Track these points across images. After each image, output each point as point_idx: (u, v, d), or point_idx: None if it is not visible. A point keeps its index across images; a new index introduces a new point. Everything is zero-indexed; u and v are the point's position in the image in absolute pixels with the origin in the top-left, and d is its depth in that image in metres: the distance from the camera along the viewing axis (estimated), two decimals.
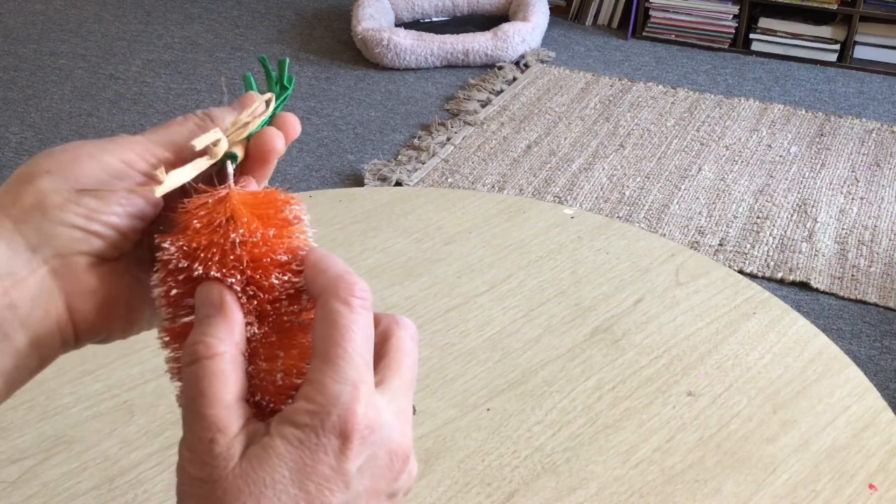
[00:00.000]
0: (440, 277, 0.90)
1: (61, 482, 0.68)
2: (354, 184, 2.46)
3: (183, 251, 0.36)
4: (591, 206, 2.34)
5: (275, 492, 0.31)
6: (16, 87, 3.06)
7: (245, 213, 0.36)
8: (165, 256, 0.36)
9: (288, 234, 0.37)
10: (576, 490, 0.67)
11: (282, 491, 0.31)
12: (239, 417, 0.33)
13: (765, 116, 2.82)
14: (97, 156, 0.36)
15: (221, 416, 0.32)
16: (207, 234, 0.35)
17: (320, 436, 0.32)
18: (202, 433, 0.32)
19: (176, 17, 3.66)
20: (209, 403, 0.32)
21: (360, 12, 3.23)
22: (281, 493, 0.31)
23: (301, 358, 0.36)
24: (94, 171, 0.36)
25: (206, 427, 0.32)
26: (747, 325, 0.84)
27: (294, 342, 0.36)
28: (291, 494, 0.31)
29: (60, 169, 0.36)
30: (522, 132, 2.71)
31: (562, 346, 0.81)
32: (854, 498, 0.67)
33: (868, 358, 1.85)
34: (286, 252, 0.37)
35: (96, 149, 0.37)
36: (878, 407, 0.75)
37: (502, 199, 1.04)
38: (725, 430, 0.73)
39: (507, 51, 3.12)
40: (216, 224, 0.36)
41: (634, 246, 0.95)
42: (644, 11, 3.41)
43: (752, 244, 2.18)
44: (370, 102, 2.91)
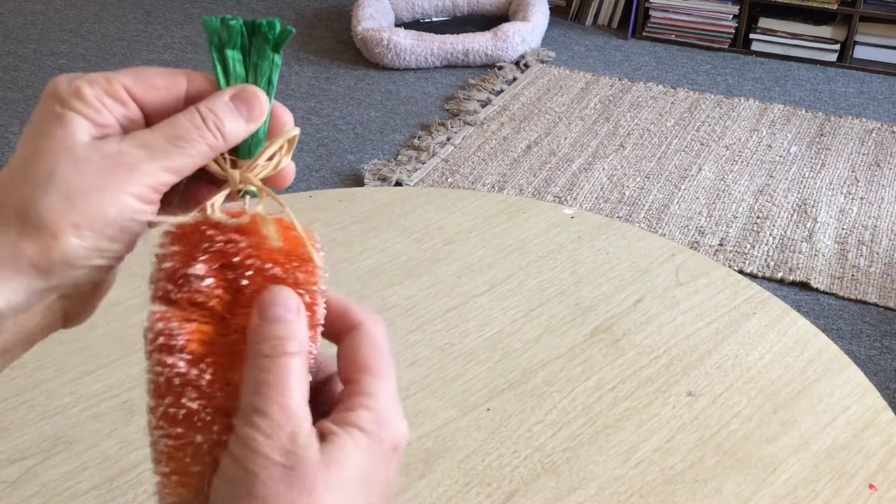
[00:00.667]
0: (440, 277, 0.90)
1: (61, 482, 0.68)
2: (354, 184, 2.46)
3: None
4: (591, 206, 2.34)
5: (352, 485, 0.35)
6: (16, 87, 3.06)
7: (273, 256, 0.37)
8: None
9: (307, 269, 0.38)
10: (576, 490, 0.67)
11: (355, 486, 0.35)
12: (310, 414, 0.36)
13: (765, 116, 2.82)
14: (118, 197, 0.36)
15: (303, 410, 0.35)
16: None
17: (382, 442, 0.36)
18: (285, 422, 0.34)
19: (176, 17, 3.66)
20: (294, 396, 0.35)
21: (360, 12, 3.23)
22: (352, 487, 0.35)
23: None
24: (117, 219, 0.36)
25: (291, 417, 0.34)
26: (747, 325, 0.84)
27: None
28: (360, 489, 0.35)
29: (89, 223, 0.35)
30: (522, 132, 2.71)
31: (562, 346, 0.81)
32: (854, 498, 0.67)
33: (868, 358, 1.85)
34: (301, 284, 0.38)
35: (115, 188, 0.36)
36: (878, 407, 0.75)
37: (502, 199, 1.04)
38: (725, 430, 0.73)
39: (507, 51, 3.12)
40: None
41: (634, 246, 0.95)
42: (644, 11, 3.41)
43: (752, 244, 2.18)
44: (370, 102, 2.91)
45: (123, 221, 0.36)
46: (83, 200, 0.35)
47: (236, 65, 0.39)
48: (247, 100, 0.39)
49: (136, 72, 0.38)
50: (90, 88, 0.37)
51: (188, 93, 0.39)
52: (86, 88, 0.37)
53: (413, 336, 0.82)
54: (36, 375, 0.78)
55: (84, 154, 0.36)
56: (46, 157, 0.35)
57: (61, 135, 0.36)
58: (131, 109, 0.38)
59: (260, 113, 0.39)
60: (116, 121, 0.38)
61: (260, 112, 0.39)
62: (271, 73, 0.39)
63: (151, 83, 0.38)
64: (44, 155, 0.36)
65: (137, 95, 0.38)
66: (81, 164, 0.36)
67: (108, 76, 0.38)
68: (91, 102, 0.37)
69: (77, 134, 0.36)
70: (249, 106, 0.39)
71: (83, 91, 0.37)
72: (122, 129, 0.38)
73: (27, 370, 0.78)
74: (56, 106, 0.36)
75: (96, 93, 0.37)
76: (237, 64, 0.39)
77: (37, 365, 0.78)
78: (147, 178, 0.36)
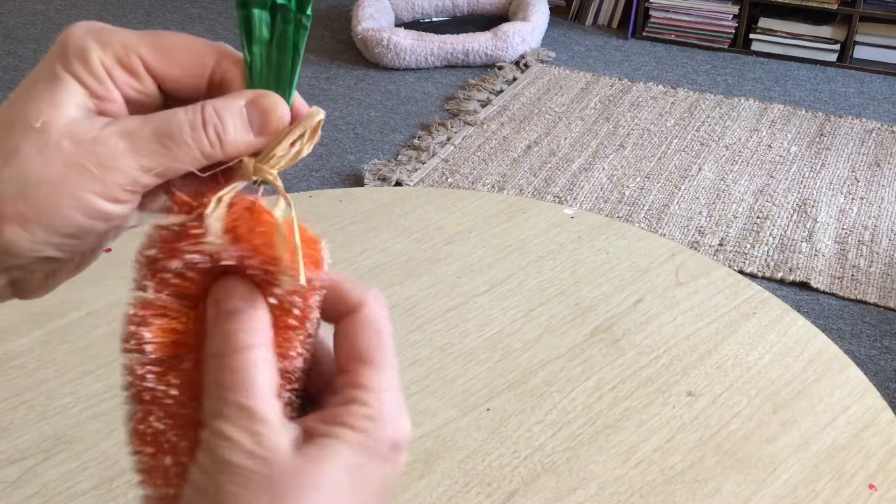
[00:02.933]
0: (440, 277, 0.90)
1: (61, 482, 0.68)
2: (354, 184, 2.46)
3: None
4: (591, 206, 2.34)
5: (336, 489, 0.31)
6: (16, 87, 3.07)
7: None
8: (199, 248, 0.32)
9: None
10: (576, 490, 0.67)
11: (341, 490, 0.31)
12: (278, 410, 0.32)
13: (765, 116, 2.82)
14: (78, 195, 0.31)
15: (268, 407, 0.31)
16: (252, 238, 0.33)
17: (379, 441, 0.32)
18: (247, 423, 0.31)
19: (176, 17, 3.66)
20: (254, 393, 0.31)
21: (360, 12, 3.23)
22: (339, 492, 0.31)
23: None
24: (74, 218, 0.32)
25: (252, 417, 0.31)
26: (747, 325, 0.84)
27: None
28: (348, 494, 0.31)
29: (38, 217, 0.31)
30: (522, 132, 2.71)
31: (562, 346, 0.81)
32: (854, 498, 0.67)
33: (868, 358, 1.85)
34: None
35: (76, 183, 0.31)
36: (878, 407, 0.75)
37: (502, 199, 1.04)
38: (725, 430, 0.73)
39: (507, 51, 3.12)
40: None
41: (634, 246, 0.95)
42: (644, 11, 3.41)
43: (752, 244, 2.18)
44: (370, 102, 2.91)
45: (83, 221, 0.32)
46: (36, 191, 0.31)
47: (263, 28, 0.34)
48: (263, 110, 0.34)
49: (161, 41, 0.34)
50: (100, 53, 0.33)
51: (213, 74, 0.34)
52: (94, 51, 0.33)
53: (413, 336, 0.82)
54: (36, 375, 0.78)
55: (55, 137, 0.31)
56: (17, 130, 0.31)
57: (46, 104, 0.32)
58: (145, 84, 0.34)
59: (274, 128, 0.34)
60: (125, 94, 0.34)
61: (274, 127, 0.34)
62: (297, 38, 0.34)
63: (174, 58, 0.34)
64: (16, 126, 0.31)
65: (155, 69, 0.34)
66: (48, 149, 0.31)
67: (127, 41, 0.33)
68: (95, 71, 0.33)
69: (65, 106, 0.32)
70: (264, 118, 0.34)
71: (90, 55, 0.33)
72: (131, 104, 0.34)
73: (27, 370, 0.78)
74: (57, 64, 0.33)
75: (105, 58, 0.33)
76: (264, 27, 0.34)
77: (37, 365, 0.78)
78: (120, 177, 0.32)
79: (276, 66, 0.34)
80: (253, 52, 0.34)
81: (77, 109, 0.32)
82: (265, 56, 0.34)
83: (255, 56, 0.34)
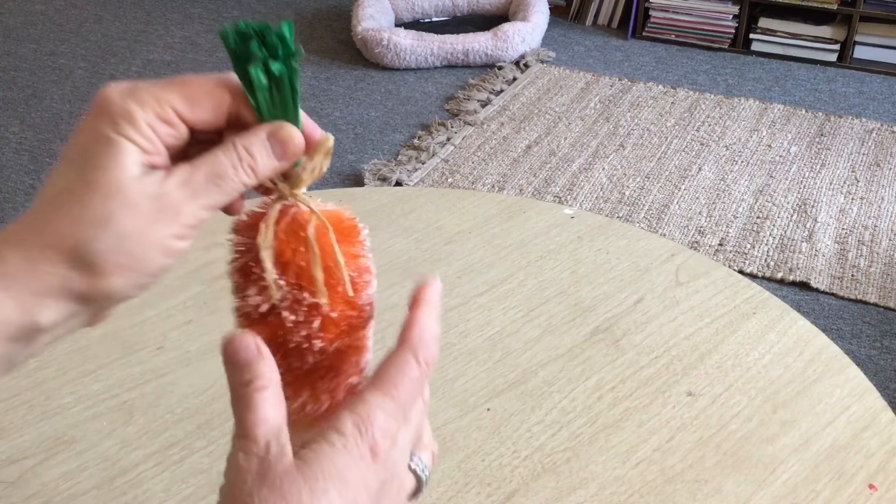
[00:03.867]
0: (440, 277, 0.90)
1: (61, 482, 0.68)
2: (354, 184, 2.46)
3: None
4: (591, 206, 2.34)
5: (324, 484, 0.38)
6: (16, 87, 3.06)
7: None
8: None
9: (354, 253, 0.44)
10: (576, 490, 0.67)
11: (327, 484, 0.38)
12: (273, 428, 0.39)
13: (765, 116, 2.82)
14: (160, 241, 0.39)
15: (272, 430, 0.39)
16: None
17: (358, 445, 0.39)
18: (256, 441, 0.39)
19: (176, 17, 3.66)
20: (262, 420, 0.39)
21: (360, 12, 3.23)
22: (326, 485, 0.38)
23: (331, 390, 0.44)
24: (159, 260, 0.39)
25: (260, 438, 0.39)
26: (747, 325, 0.84)
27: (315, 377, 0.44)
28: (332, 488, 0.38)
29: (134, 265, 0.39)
30: (522, 132, 2.71)
31: (562, 346, 0.81)
32: (854, 498, 0.67)
33: (868, 358, 1.85)
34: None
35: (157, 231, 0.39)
36: (878, 407, 0.75)
37: (502, 199, 1.04)
38: (725, 430, 0.73)
39: (507, 51, 3.12)
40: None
41: (634, 246, 0.95)
42: (644, 11, 3.41)
43: (752, 244, 2.18)
44: (370, 102, 2.91)
45: (164, 260, 0.39)
46: (131, 245, 0.38)
47: (260, 77, 0.40)
48: (283, 140, 0.41)
49: (186, 89, 0.40)
50: (142, 112, 0.38)
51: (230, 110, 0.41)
52: (138, 113, 0.38)
53: None
54: (36, 375, 0.78)
55: (134, 197, 0.38)
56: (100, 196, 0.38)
57: (114, 169, 0.38)
58: (179, 130, 0.40)
59: (293, 153, 0.42)
60: (165, 143, 0.40)
61: (293, 152, 0.42)
62: (292, 77, 0.41)
63: (200, 103, 0.40)
64: (98, 192, 0.38)
65: (186, 116, 0.40)
66: (133, 209, 0.38)
67: (159, 95, 0.39)
68: (143, 130, 0.38)
69: (128, 168, 0.38)
70: (284, 147, 0.41)
71: (135, 116, 0.38)
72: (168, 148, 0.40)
73: (27, 370, 0.78)
74: (109, 129, 0.38)
75: (148, 117, 0.39)
76: (261, 76, 0.40)
77: (37, 365, 0.78)
78: (188, 219, 0.39)
79: (280, 104, 0.41)
80: (258, 99, 0.40)
81: (137, 167, 0.38)
82: (269, 98, 0.41)
83: (260, 101, 0.40)
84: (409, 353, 0.42)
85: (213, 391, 0.76)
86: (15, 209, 2.37)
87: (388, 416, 0.40)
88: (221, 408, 0.74)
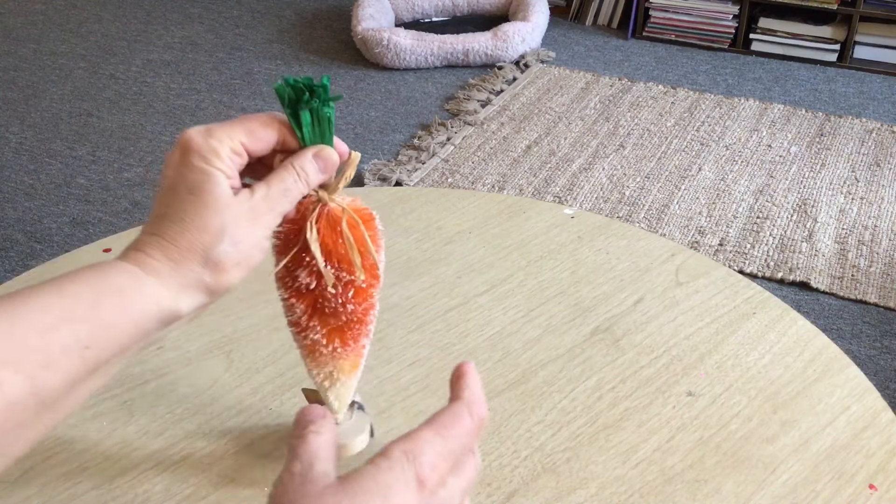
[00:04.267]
0: (440, 277, 0.90)
1: (61, 482, 0.68)
2: (354, 184, 2.46)
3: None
4: (591, 206, 2.34)
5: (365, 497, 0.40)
6: (16, 87, 3.06)
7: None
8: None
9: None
10: (576, 490, 0.67)
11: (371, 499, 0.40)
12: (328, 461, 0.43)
13: (765, 116, 2.82)
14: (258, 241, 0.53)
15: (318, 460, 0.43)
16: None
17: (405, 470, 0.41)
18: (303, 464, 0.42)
19: (176, 17, 3.66)
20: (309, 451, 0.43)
21: (360, 12, 3.23)
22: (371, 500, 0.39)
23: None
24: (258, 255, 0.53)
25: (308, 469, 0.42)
26: (747, 325, 0.84)
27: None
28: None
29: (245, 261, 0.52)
30: (522, 132, 2.71)
31: (562, 346, 0.81)
32: (854, 498, 0.67)
33: (868, 358, 1.85)
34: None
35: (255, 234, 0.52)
36: (878, 407, 0.75)
37: (502, 199, 1.04)
38: (725, 430, 0.73)
39: (507, 51, 3.12)
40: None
41: (634, 246, 0.95)
42: (644, 11, 3.41)
43: (752, 244, 2.18)
44: (370, 102, 2.91)
45: (261, 256, 0.53)
46: (242, 246, 0.52)
47: (306, 116, 0.54)
48: (325, 158, 0.55)
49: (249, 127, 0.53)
50: (223, 148, 0.51)
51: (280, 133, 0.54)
52: (221, 150, 0.51)
53: (413, 336, 0.82)
54: None
55: (237, 210, 0.51)
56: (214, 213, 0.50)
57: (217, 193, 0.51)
58: (244, 158, 0.53)
59: (333, 167, 0.55)
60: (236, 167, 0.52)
61: (332, 167, 0.55)
62: (329, 114, 0.55)
63: (260, 137, 0.53)
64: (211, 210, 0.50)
65: (249, 148, 0.53)
66: (238, 219, 0.51)
67: (231, 134, 0.52)
68: (225, 161, 0.51)
69: (226, 190, 0.51)
70: (326, 163, 0.55)
71: (220, 152, 0.51)
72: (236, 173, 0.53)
73: None
74: (203, 163, 0.51)
75: (227, 152, 0.52)
76: (307, 115, 0.54)
77: None
78: (271, 224, 0.53)
79: (320, 133, 0.55)
80: (304, 131, 0.55)
81: (227, 190, 0.51)
82: (311, 129, 0.55)
83: (305, 132, 0.55)
84: (463, 406, 0.45)
85: (213, 391, 0.76)
86: (15, 209, 2.37)
87: (438, 454, 0.42)
88: (221, 408, 0.74)
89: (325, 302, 0.57)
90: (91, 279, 0.48)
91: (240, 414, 0.74)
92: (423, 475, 0.41)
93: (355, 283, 0.56)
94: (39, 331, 0.44)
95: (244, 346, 0.81)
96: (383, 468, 0.41)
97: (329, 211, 0.56)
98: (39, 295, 0.46)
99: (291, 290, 0.57)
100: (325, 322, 0.58)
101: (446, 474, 0.42)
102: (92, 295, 0.47)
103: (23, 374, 0.43)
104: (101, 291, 0.47)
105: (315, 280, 0.56)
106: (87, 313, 0.46)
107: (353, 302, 0.57)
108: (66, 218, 2.34)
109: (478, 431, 0.45)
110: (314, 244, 0.55)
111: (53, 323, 0.45)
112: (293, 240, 0.56)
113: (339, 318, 0.58)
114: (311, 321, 0.58)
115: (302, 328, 0.59)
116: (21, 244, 2.23)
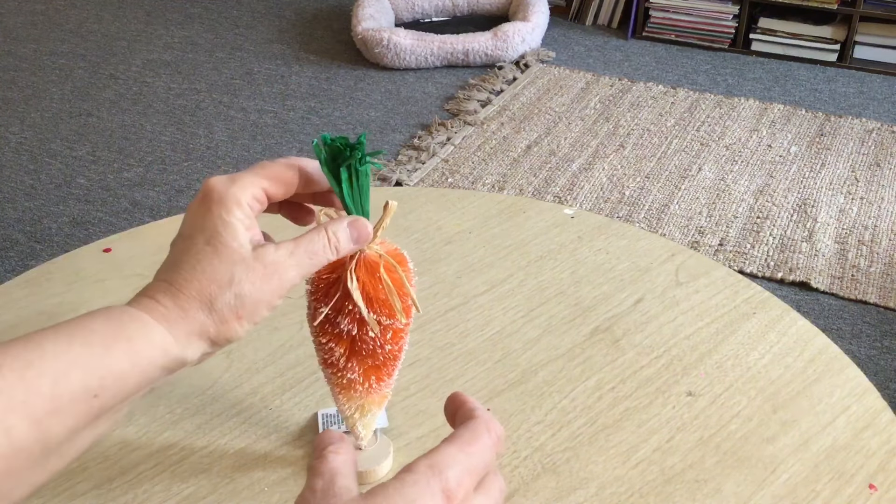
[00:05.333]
0: (440, 277, 0.90)
1: (61, 482, 0.68)
2: None
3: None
4: (591, 206, 2.34)
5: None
6: (16, 87, 3.06)
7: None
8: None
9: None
10: (576, 490, 0.67)
11: None
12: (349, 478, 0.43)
13: (765, 116, 2.82)
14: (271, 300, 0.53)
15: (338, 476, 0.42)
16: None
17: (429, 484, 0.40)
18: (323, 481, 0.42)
19: (176, 17, 3.66)
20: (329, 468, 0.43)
21: (360, 12, 3.23)
22: None
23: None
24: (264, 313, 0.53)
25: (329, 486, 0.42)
26: (747, 325, 0.84)
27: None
28: None
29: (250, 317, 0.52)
30: (522, 132, 2.71)
31: (562, 346, 0.81)
32: (854, 498, 0.67)
33: (868, 358, 1.85)
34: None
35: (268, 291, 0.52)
36: (878, 407, 0.75)
37: (502, 199, 1.04)
38: (725, 430, 0.72)
39: (507, 51, 3.12)
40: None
41: (634, 246, 0.95)
42: (644, 11, 3.41)
43: (752, 244, 2.18)
44: (370, 102, 2.91)
45: (268, 313, 0.53)
46: (248, 301, 0.52)
47: (343, 173, 0.55)
48: (359, 228, 0.56)
49: (270, 173, 0.54)
50: (244, 197, 0.53)
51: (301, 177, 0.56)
52: (242, 199, 0.52)
53: (413, 336, 0.82)
54: None
55: (252, 263, 0.52)
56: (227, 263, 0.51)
57: (233, 243, 0.51)
58: (264, 204, 0.54)
59: (365, 239, 0.56)
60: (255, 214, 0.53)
61: (365, 238, 0.56)
62: (366, 171, 0.56)
63: (279, 182, 0.55)
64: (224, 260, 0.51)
65: (271, 193, 0.54)
66: (250, 272, 0.51)
67: (252, 181, 0.53)
68: (245, 210, 0.52)
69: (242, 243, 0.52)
70: (360, 233, 0.56)
71: (242, 202, 0.52)
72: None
73: None
74: (223, 212, 0.52)
75: (248, 200, 0.53)
76: (345, 174, 0.55)
77: None
78: (289, 284, 0.53)
79: (357, 190, 0.56)
80: (342, 187, 0.56)
81: (246, 239, 0.52)
82: (348, 185, 0.56)
83: (343, 188, 0.56)
84: (482, 424, 0.44)
85: (213, 391, 0.76)
86: (15, 209, 2.37)
87: (463, 468, 0.42)
88: (221, 408, 0.74)
89: (364, 345, 0.59)
90: (103, 326, 0.48)
91: (240, 414, 0.74)
92: (449, 489, 0.41)
93: (394, 325, 0.59)
94: (51, 378, 0.45)
95: (244, 346, 0.81)
96: (409, 482, 0.40)
97: (366, 257, 0.57)
98: (54, 340, 0.46)
99: (331, 336, 0.59)
100: (362, 363, 0.60)
101: (471, 489, 0.42)
102: (103, 343, 0.47)
103: (31, 419, 0.44)
104: (112, 339, 0.48)
105: (356, 326, 0.58)
106: (97, 362, 0.47)
107: (390, 342, 0.59)
108: (66, 218, 2.34)
109: (496, 448, 0.45)
110: (356, 293, 0.56)
111: (65, 370, 0.45)
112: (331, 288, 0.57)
113: (376, 358, 0.60)
114: (349, 363, 0.60)
115: (339, 369, 0.61)
116: (21, 244, 2.23)
